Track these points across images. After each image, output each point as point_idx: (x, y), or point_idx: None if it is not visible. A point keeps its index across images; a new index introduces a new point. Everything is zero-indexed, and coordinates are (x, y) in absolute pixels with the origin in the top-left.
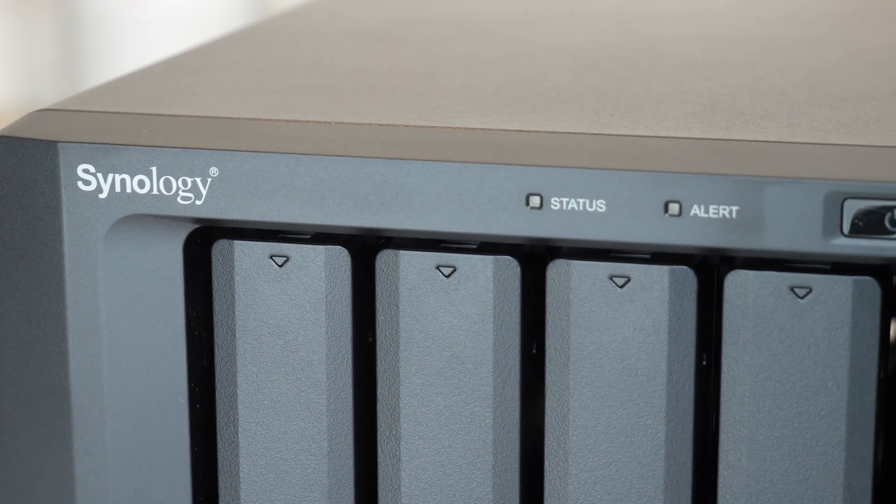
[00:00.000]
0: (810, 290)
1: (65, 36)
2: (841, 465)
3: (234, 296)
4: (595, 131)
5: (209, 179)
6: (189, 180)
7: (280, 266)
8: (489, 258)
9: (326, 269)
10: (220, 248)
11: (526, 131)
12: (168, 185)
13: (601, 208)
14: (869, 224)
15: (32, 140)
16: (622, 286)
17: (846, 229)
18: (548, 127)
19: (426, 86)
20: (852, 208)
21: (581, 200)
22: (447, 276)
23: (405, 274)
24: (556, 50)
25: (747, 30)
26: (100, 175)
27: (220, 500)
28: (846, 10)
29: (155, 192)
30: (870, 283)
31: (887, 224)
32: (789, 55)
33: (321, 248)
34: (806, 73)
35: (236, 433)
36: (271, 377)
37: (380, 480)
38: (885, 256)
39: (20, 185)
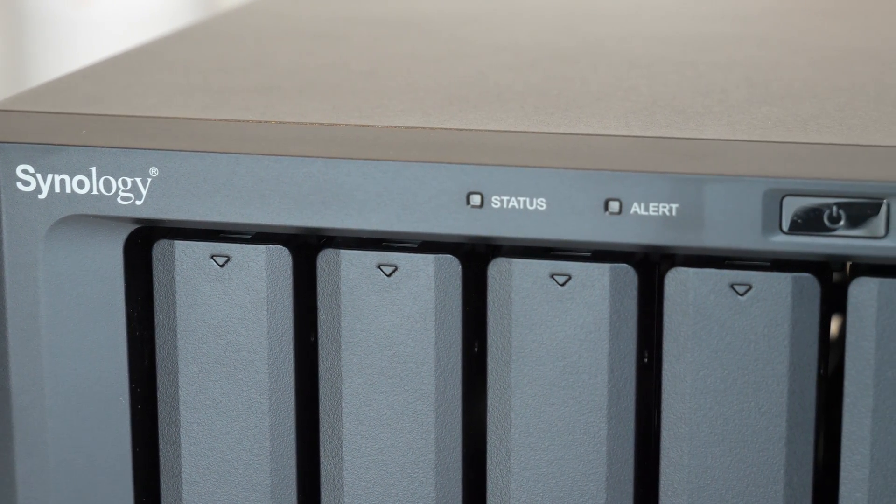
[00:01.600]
0: (750, 288)
1: (10, 36)
2: (782, 462)
3: (174, 296)
4: (536, 130)
5: (149, 179)
6: (129, 180)
7: (221, 266)
8: (430, 257)
9: (267, 268)
10: (160, 248)
11: (467, 130)
12: (108, 185)
13: (542, 207)
14: (808, 221)
15: None
16: (563, 284)
17: (785, 226)
18: (489, 125)
19: (367, 84)
20: (791, 205)
21: (522, 199)
22: (388, 276)
23: (346, 273)
24: (497, 48)
25: (688, 28)
26: (39, 175)
27: (162, 502)
28: (787, 8)
29: (95, 192)
30: (809, 280)
31: (826, 221)
32: (730, 53)
33: (262, 247)
34: (746, 71)
35: (178, 434)
36: (213, 377)
37: (322, 480)
38: (824, 253)
39: None
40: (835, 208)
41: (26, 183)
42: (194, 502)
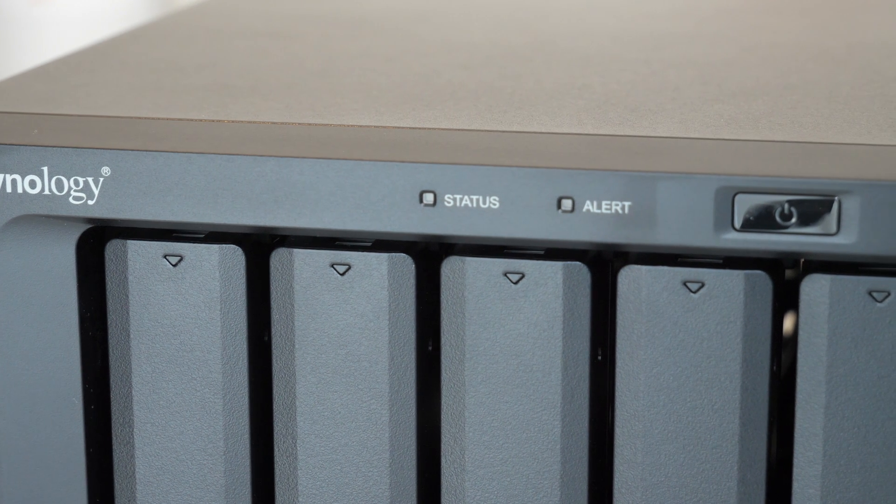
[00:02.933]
0: (703, 285)
1: None
2: (735, 459)
3: (127, 296)
4: (489, 128)
5: (101, 179)
6: (81, 180)
7: (174, 265)
8: (383, 256)
9: (221, 268)
10: (113, 248)
11: (420, 128)
12: (60, 185)
13: (495, 205)
14: (760, 218)
15: None
16: (516, 283)
17: (738, 224)
18: (442, 124)
19: (321, 83)
20: (743, 203)
21: (475, 197)
22: (342, 274)
23: (299, 272)
24: (451, 47)
25: (641, 26)
26: None
27: (116, 502)
28: (740, 6)
29: (46, 192)
30: (761, 277)
31: (778, 218)
32: (682, 51)
33: (215, 247)
34: (698, 68)
35: (132, 434)
36: (166, 377)
37: (277, 479)
38: (776, 250)
39: None
40: (787, 206)
41: None
42: (148, 502)
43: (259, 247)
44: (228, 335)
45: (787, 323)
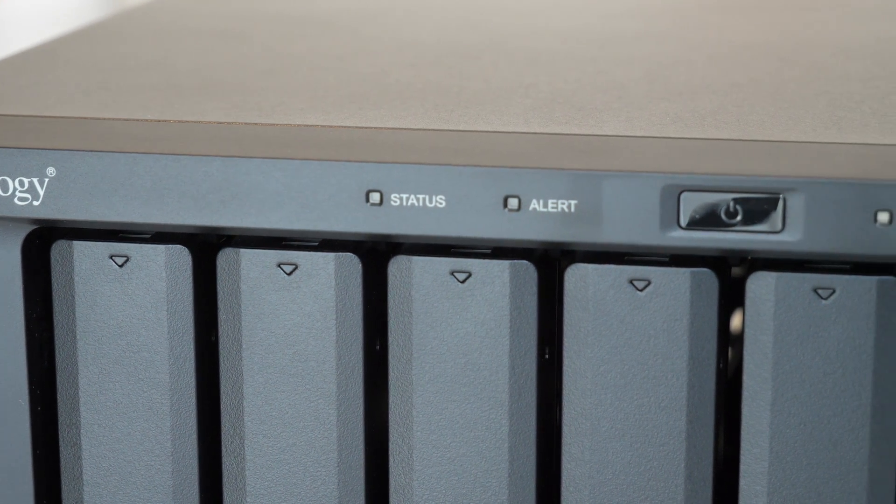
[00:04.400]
0: (649, 283)
1: None
2: (682, 456)
3: (73, 297)
4: (435, 127)
5: (46, 180)
6: (26, 181)
7: (120, 266)
8: (330, 255)
9: (167, 268)
10: (58, 248)
11: (366, 128)
12: (4, 185)
13: (441, 204)
14: (706, 216)
15: None
16: (463, 282)
17: (683, 222)
18: (388, 123)
19: (267, 83)
20: (689, 201)
21: (421, 196)
22: (289, 274)
23: (246, 272)
24: (399, 45)
25: (589, 25)
26: None
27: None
28: (686, 5)
29: None
30: (707, 275)
31: (723, 216)
32: (630, 50)
33: (161, 247)
34: (646, 67)
35: (78, 435)
36: (113, 378)
37: (225, 480)
38: (722, 248)
39: None
40: (732, 203)
41: None
42: None
43: (206, 247)
44: (175, 335)
45: (737, 321)
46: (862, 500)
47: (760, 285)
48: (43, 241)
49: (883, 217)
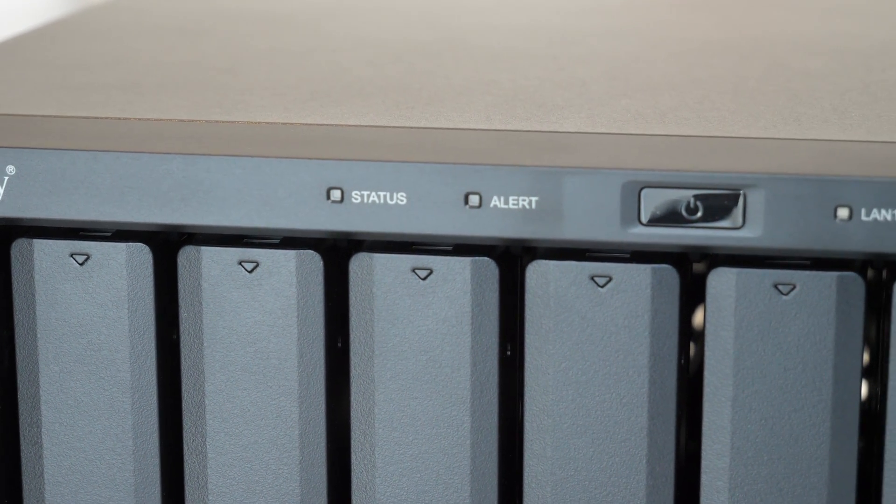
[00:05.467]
0: (610, 279)
1: None
2: (644, 452)
3: (34, 295)
4: (396, 124)
5: (6, 178)
6: None
7: (81, 265)
8: (291, 252)
9: (128, 266)
10: (19, 247)
11: (327, 125)
12: None
13: (402, 201)
14: (666, 213)
15: None
16: (425, 279)
17: (644, 218)
18: (349, 120)
19: (228, 80)
20: (650, 197)
21: (382, 193)
22: (250, 272)
23: (207, 270)
24: (360, 43)
25: (551, 21)
26: None
27: (24, 503)
28: (647, 1)
29: None
30: (668, 271)
31: (684, 212)
32: (591, 46)
33: (122, 245)
34: (606, 64)
35: (39, 434)
36: (74, 377)
37: (186, 478)
38: (683, 244)
39: None
40: (693, 200)
41: None
42: (57, 503)
43: (167, 245)
44: (136, 334)
45: (700, 317)
46: (823, 496)
47: (721, 281)
48: (3, 239)
49: (843, 213)
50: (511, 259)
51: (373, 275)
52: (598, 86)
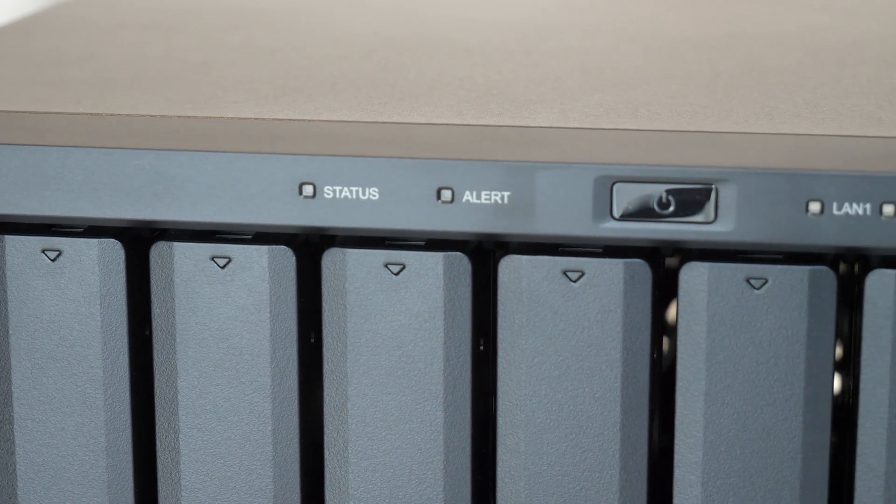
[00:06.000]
0: (583, 274)
1: None
2: (616, 446)
3: (5, 292)
4: (369, 119)
5: None
6: None
7: (53, 261)
8: (264, 248)
9: (100, 262)
10: None
11: (299, 120)
12: None
13: (374, 196)
14: (638, 207)
15: None
16: (397, 274)
17: (616, 213)
18: (322, 116)
19: (201, 76)
20: (622, 192)
21: (354, 189)
22: (222, 267)
23: (180, 265)
24: (333, 38)
25: (524, 16)
26: None
27: None
28: None
29: None
30: (641, 266)
31: (656, 207)
32: (565, 41)
33: (94, 241)
34: (580, 58)
35: (12, 430)
36: (46, 373)
37: (159, 474)
38: (655, 239)
39: None
40: (665, 194)
41: None
42: (29, 500)
43: (139, 240)
44: (109, 330)
45: (674, 311)
46: (795, 489)
47: (693, 276)
48: None
49: (814, 207)
50: (484, 254)
51: (345, 270)
52: (571, 81)
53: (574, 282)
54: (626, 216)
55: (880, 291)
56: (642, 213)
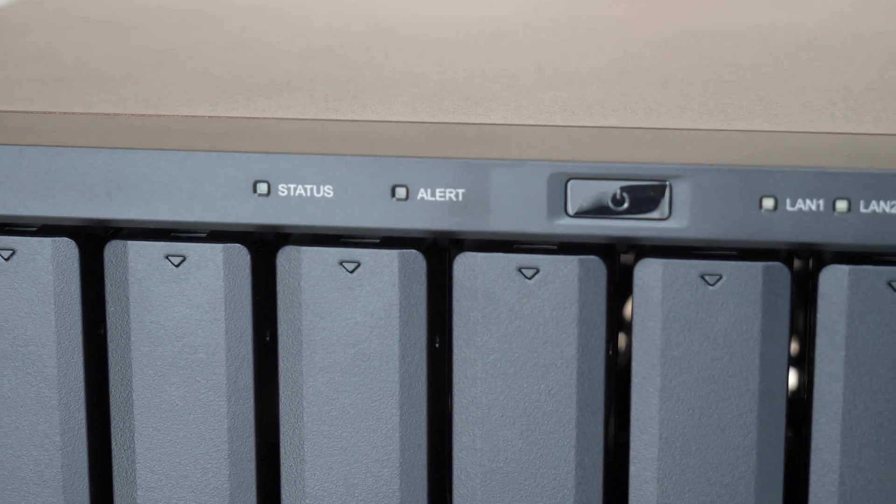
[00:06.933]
0: (537, 271)
1: None
2: (572, 443)
3: None
4: (324, 117)
5: None
6: None
7: (6, 259)
8: (219, 246)
9: (54, 261)
10: None
11: (254, 118)
12: None
13: (329, 194)
14: (593, 204)
15: None
16: (352, 271)
17: (571, 210)
18: (276, 113)
19: (156, 74)
20: (576, 189)
21: (308, 186)
22: (177, 266)
23: (134, 264)
24: (289, 36)
25: (480, 13)
26: None
27: None
28: None
29: None
30: (595, 263)
31: (610, 204)
32: (519, 38)
33: (48, 240)
34: (535, 56)
35: None
36: (0, 374)
37: (115, 474)
38: (610, 236)
39: None
40: (619, 191)
41: None
42: None
43: (93, 239)
44: (63, 329)
45: (629, 306)
46: (750, 485)
47: (648, 272)
48: None
49: (768, 203)
50: (439, 251)
51: (300, 268)
52: (526, 78)
53: (529, 279)
54: (581, 213)
55: (834, 287)
56: (597, 209)
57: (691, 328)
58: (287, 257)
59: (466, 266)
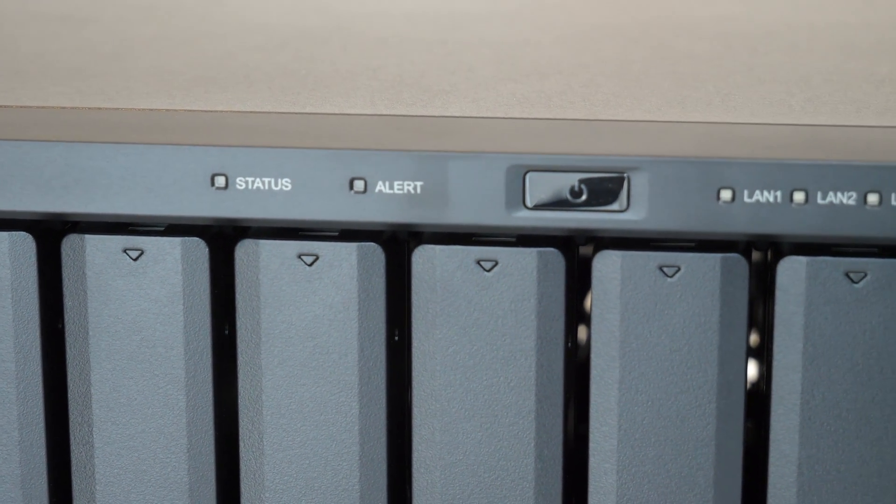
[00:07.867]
0: (496, 263)
1: None
2: (532, 435)
3: None
4: (282, 110)
5: None
6: None
7: None
8: (177, 240)
9: (10, 256)
10: None
11: (212, 111)
12: None
13: (287, 187)
14: (551, 196)
15: None
16: (311, 265)
17: (529, 202)
18: (234, 106)
19: (112, 67)
20: (534, 181)
21: (266, 179)
22: (135, 260)
23: (92, 258)
24: (247, 29)
25: (439, 6)
26: None
27: None
28: None
29: None
30: (554, 255)
31: (569, 196)
32: (478, 31)
33: (5, 234)
34: (494, 48)
35: None
36: None
37: (73, 468)
38: (569, 228)
39: None
40: (577, 183)
41: None
42: None
43: (50, 233)
44: (20, 324)
45: (589, 299)
46: (709, 476)
47: (606, 264)
48: None
49: (726, 195)
50: (397, 244)
51: (259, 261)
52: (484, 70)
53: (487, 271)
54: (539, 205)
55: (791, 278)
56: (555, 202)
57: (650, 320)
58: (245, 250)
59: (425, 259)
